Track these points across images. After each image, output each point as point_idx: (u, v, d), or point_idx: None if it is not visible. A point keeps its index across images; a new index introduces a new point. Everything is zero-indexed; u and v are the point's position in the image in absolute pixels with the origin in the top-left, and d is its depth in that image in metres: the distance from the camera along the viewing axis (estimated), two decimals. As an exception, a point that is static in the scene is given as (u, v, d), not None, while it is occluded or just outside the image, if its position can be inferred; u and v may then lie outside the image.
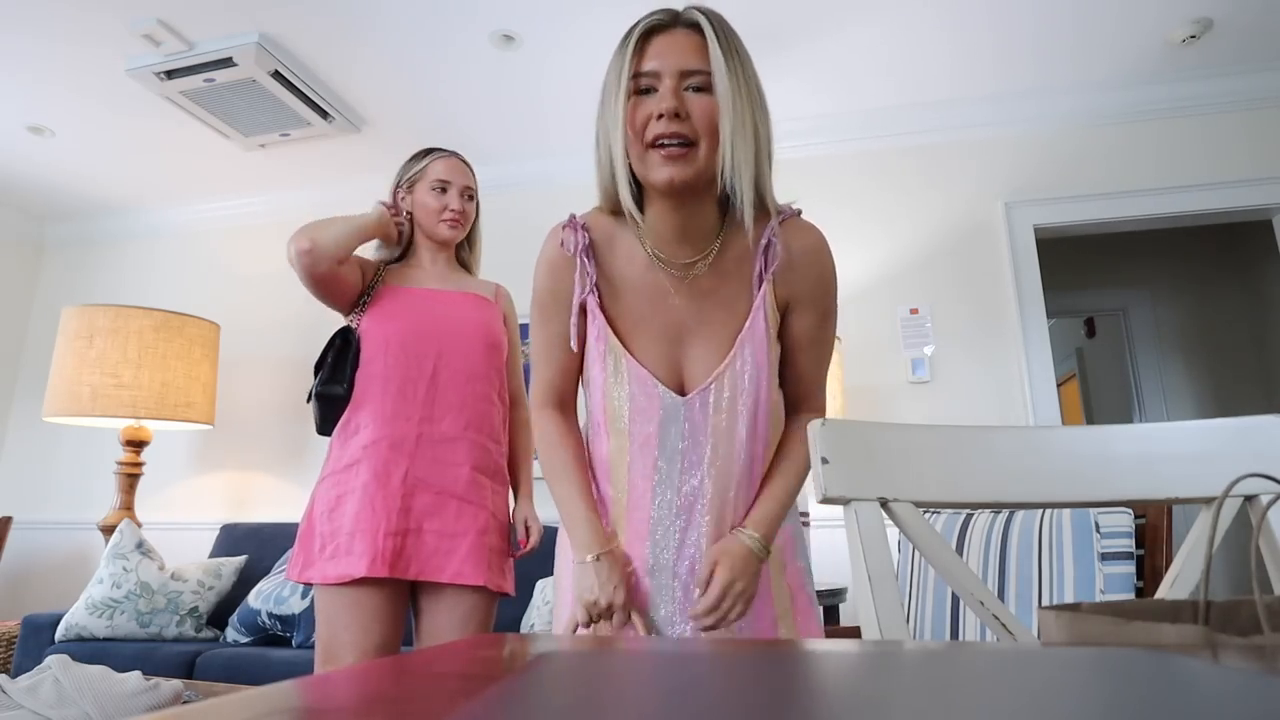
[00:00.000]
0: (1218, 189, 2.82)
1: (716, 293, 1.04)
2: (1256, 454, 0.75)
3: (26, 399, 3.96)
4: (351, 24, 2.57)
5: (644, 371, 1.03)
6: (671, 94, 0.92)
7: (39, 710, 1.70)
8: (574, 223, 1.06)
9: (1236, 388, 3.87)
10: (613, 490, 1.07)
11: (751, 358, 1.02)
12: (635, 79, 0.94)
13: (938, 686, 0.27)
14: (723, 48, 0.93)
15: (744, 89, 0.94)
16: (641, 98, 0.95)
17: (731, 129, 0.92)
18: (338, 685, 0.28)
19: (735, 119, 0.92)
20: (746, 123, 0.94)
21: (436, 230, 1.73)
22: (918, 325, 2.94)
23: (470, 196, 1.77)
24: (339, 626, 1.51)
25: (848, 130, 3.14)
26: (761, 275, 1.03)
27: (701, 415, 1.02)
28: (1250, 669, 0.30)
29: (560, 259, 1.06)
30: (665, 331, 1.04)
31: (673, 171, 0.93)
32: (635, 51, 0.94)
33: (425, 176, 1.73)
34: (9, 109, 3.04)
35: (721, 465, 1.03)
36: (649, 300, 1.04)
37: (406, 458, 1.58)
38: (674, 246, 1.03)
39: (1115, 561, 1.50)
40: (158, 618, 2.72)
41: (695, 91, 0.94)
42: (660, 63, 0.93)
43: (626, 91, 0.94)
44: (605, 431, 1.07)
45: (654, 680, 0.28)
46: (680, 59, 0.93)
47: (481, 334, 1.70)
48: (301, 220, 3.76)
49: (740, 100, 0.93)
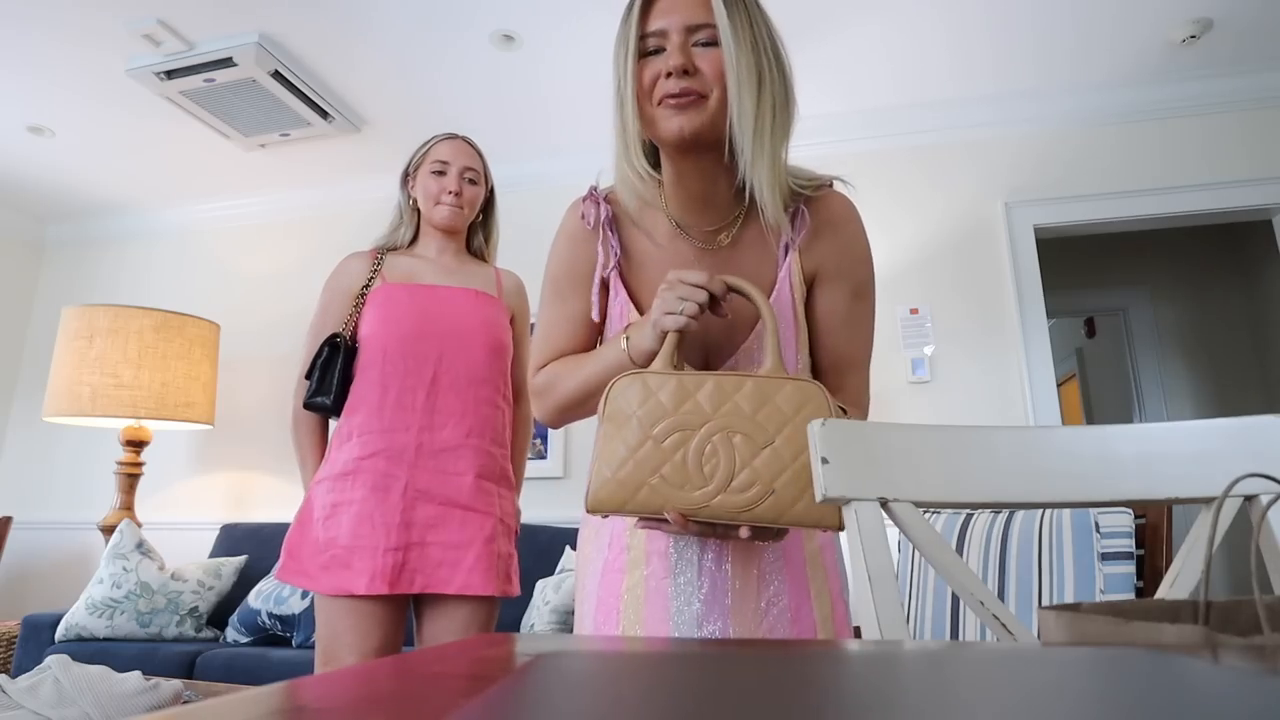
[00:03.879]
0: (1217, 189, 2.82)
1: (741, 263, 1.00)
2: (1256, 454, 0.75)
3: (26, 399, 3.96)
4: (351, 24, 2.57)
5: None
6: (679, 50, 0.89)
7: (39, 710, 1.70)
8: (594, 195, 1.03)
9: (1236, 388, 3.87)
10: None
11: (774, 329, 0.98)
12: (642, 40, 0.92)
13: (938, 686, 0.27)
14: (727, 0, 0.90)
15: (748, 39, 0.90)
16: (650, 59, 0.92)
17: (737, 79, 0.88)
18: (338, 685, 0.28)
19: (741, 68, 0.88)
20: (753, 72, 0.89)
21: (434, 214, 1.67)
22: (918, 325, 2.94)
23: (472, 180, 1.70)
24: (339, 630, 1.49)
25: (848, 130, 3.14)
26: (788, 245, 0.99)
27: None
28: (1250, 669, 0.30)
29: (580, 232, 1.02)
30: None
31: (682, 121, 0.89)
32: (640, 14, 0.92)
33: (427, 159, 1.69)
34: (9, 109, 3.04)
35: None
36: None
37: (406, 469, 1.54)
38: (696, 214, 0.99)
39: (1115, 561, 1.50)
40: (158, 618, 2.72)
41: (704, 46, 0.90)
42: (666, 20, 0.91)
43: (634, 54, 0.91)
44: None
45: (653, 680, 0.28)
46: (686, 14, 0.90)
47: (484, 335, 1.64)
48: (301, 220, 3.79)
49: (744, 50, 0.89)
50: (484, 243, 1.80)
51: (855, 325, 1.02)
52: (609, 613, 1.00)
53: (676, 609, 0.97)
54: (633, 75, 0.91)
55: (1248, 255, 3.92)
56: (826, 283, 1.01)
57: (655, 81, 0.91)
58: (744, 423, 0.85)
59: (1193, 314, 4.02)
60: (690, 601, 0.97)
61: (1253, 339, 3.90)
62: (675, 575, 0.98)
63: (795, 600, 0.98)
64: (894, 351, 2.94)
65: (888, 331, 2.96)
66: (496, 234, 1.82)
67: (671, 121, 0.90)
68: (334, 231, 3.70)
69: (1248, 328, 3.92)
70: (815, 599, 1.00)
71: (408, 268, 1.69)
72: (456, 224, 1.70)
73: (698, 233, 1.00)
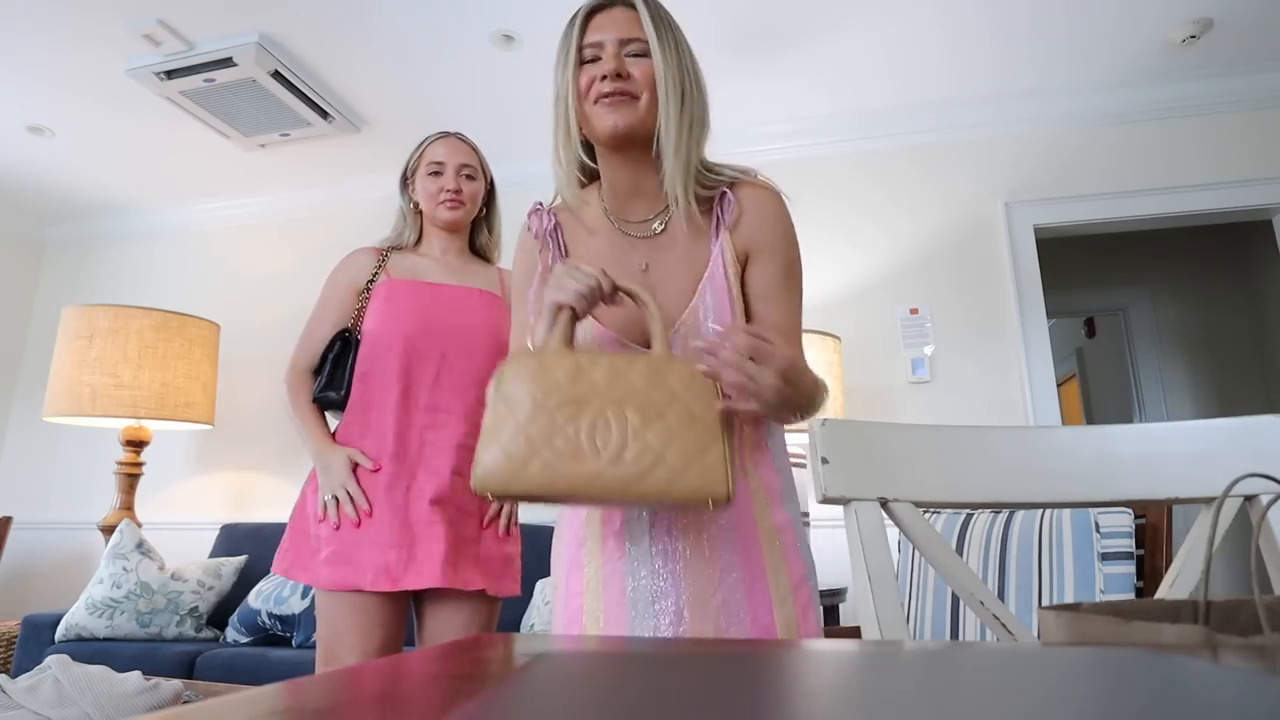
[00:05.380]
0: (1218, 189, 2.82)
1: (675, 248, 1.09)
2: (1256, 454, 0.75)
3: (26, 399, 3.96)
4: (352, 24, 2.57)
5: (607, 331, 1.05)
6: (614, 57, 1.03)
7: (39, 710, 1.70)
8: (539, 209, 1.14)
9: (1236, 388, 3.87)
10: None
11: (714, 303, 1.05)
12: (581, 50, 1.05)
13: (938, 686, 0.27)
14: (654, 18, 1.05)
15: (674, 53, 1.05)
16: (587, 66, 1.05)
17: (664, 84, 1.03)
18: (338, 685, 0.28)
19: (668, 76, 1.03)
20: (677, 81, 1.04)
21: (436, 214, 1.68)
22: (918, 325, 2.94)
23: (470, 175, 1.70)
24: (340, 628, 1.49)
25: (847, 130, 3.14)
26: (719, 226, 1.09)
27: None
28: (1250, 669, 0.30)
29: (529, 243, 1.14)
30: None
31: (616, 118, 1.02)
32: (581, 28, 1.06)
33: (423, 160, 1.70)
34: (9, 109, 3.04)
35: None
36: (612, 263, 1.07)
37: (410, 468, 1.55)
38: (629, 204, 1.10)
39: (1115, 561, 1.50)
40: (158, 618, 2.72)
41: (635, 57, 1.04)
42: (602, 34, 1.05)
43: (575, 62, 1.05)
44: None
45: (651, 680, 0.28)
46: (619, 29, 1.05)
47: (487, 335, 1.65)
48: (301, 220, 3.79)
49: (669, 61, 1.03)
50: (487, 238, 1.80)
51: (787, 298, 1.10)
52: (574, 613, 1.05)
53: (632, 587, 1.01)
54: (573, 80, 1.05)
55: (1248, 255, 3.92)
56: (758, 260, 1.09)
57: (592, 84, 1.04)
58: (636, 397, 0.89)
59: (1193, 314, 4.02)
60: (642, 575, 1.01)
61: (1253, 339, 3.90)
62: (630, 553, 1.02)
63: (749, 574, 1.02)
64: (894, 351, 2.94)
65: (888, 331, 2.96)
66: (499, 228, 1.82)
67: (606, 118, 1.03)
68: (334, 231, 3.70)
69: (1248, 328, 3.92)
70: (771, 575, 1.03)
71: (412, 265, 1.70)
72: (459, 221, 1.70)
73: (632, 223, 1.10)
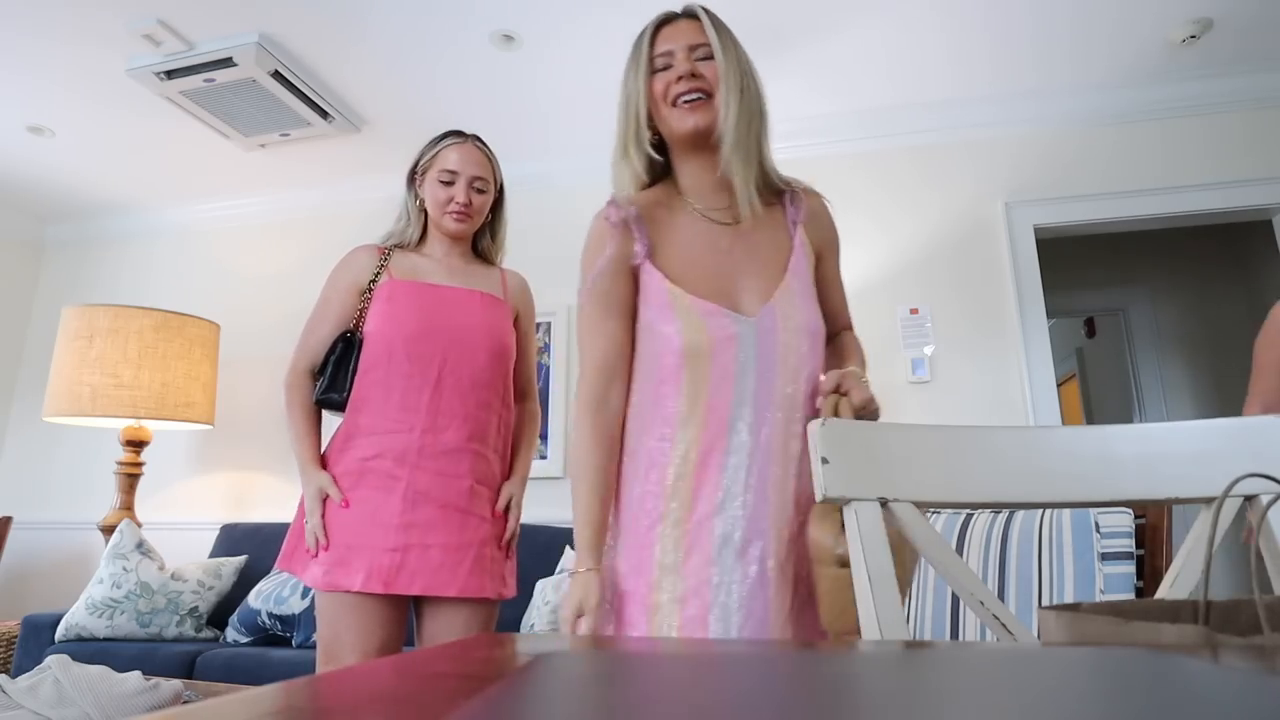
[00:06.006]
0: (1218, 189, 2.82)
1: (758, 235, 1.19)
2: (1256, 454, 0.75)
3: (26, 399, 3.96)
4: (352, 24, 2.57)
5: (709, 304, 1.12)
6: (685, 60, 1.15)
7: (39, 710, 1.70)
8: (615, 201, 1.19)
9: (1237, 388, 3.87)
10: (680, 445, 1.10)
11: (800, 286, 1.17)
12: (652, 60, 1.17)
13: (938, 686, 0.27)
14: (717, 27, 1.18)
15: (734, 55, 1.16)
16: (660, 74, 1.17)
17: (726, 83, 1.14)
18: (338, 685, 0.28)
19: (730, 75, 1.14)
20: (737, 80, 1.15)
21: (442, 222, 1.66)
22: (918, 325, 2.94)
23: (481, 189, 1.68)
24: (340, 628, 1.49)
25: (847, 130, 3.13)
26: (794, 221, 1.22)
27: (769, 338, 1.11)
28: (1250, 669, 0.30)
29: (607, 232, 1.17)
30: (719, 272, 1.15)
31: (696, 119, 1.14)
32: (650, 40, 1.18)
33: (435, 164, 1.66)
34: (9, 109, 3.04)
35: (790, 390, 1.11)
36: (701, 249, 1.16)
37: (408, 470, 1.53)
38: (712, 197, 1.20)
39: (1115, 561, 1.50)
40: (158, 618, 2.72)
41: (702, 60, 1.16)
42: (672, 44, 1.17)
43: (646, 70, 1.17)
44: (678, 380, 1.11)
45: (652, 681, 0.28)
46: (687, 37, 1.17)
47: (489, 339, 1.64)
48: (301, 220, 3.79)
49: (730, 62, 1.15)
50: (490, 242, 1.79)
51: (842, 288, 1.32)
52: (645, 563, 1.09)
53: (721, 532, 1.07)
54: (645, 87, 1.17)
55: (1248, 255, 3.92)
56: (826, 256, 1.28)
57: (667, 89, 1.15)
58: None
59: (1193, 314, 4.02)
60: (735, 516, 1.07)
61: (1253, 339, 3.88)
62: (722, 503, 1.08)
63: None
64: (894, 351, 2.94)
65: (888, 331, 2.96)
66: (503, 234, 1.80)
67: (687, 119, 1.14)
68: (334, 231, 3.70)
69: (1248, 328, 3.92)
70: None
71: (414, 265, 1.68)
72: (465, 233, 1.69)
73: (714, 209, 1.19)
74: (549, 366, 3.27)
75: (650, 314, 1.14)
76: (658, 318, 1.13)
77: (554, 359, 3.28)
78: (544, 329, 3.30)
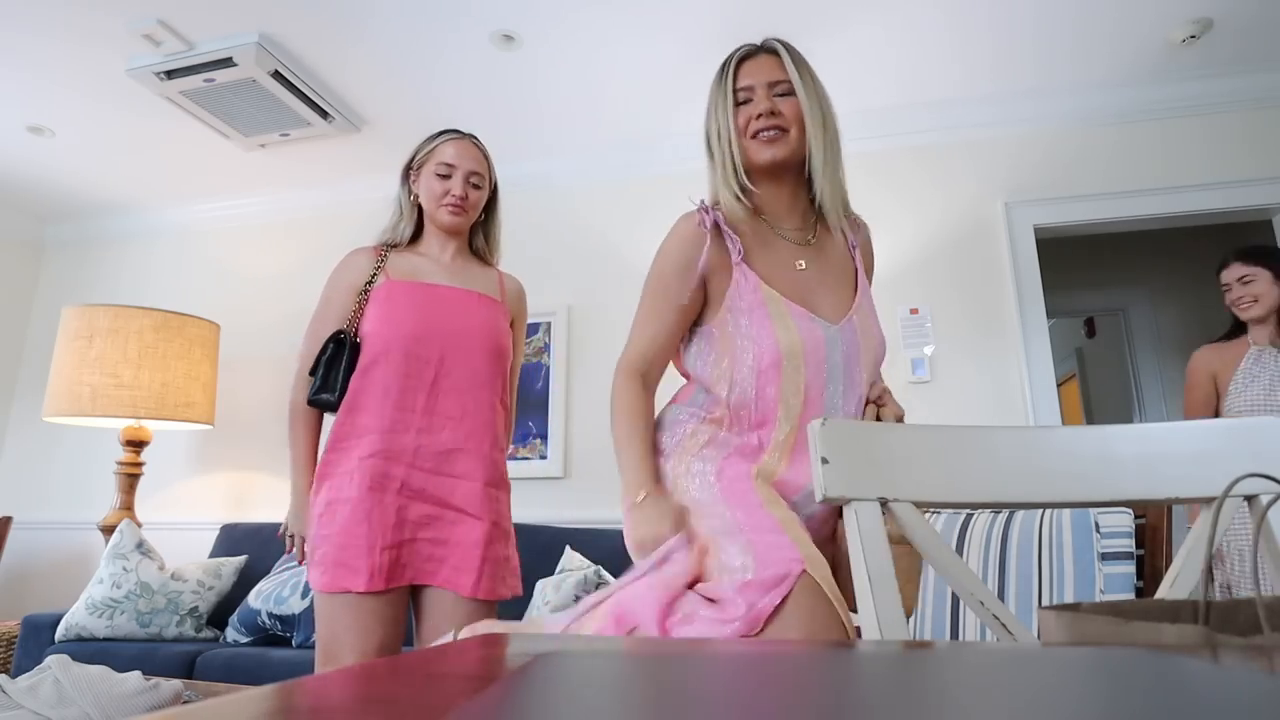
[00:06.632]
0: (1218, 189, 2.82)
1: (824, 255, 1.29)
2: (1256, 454, 0.75)
3: (26, 399, 3.96)
4: (351, 24, 2.57)
5: (801, 309, 1.21)
6: (765, 98, 1.24)
7: (39, 710, 1.70)
8: (705, 206, 1.26)
9: (1236, 388, 3.86)
10: (781, 428, 1.18)
11: (869, 305, 1.29)
12: (735, 94, 1.25)
13: (938, 686, 0.27)
14: (796, 63, 1.25)
15: (814, 92, 1.25)
16: (741, 107, 1.25)
17: (811, 119, 1.23)
18: (338, 685, 0.28)
19: (814, 112, 1.23)
20: (819, 115, 1.24)
21: (437, 215, 1.66)
22: (918, 325, 2.94)
23: (477, 184, 1.68)
24: (339, 628, 1.49)
25: (848, 130, 3.10)
26: (854, 245, 1.33)
27: (852, 344, 1.22)
28: (1250, 669, 0.30)
29: (696, 234, 1.23)
30: (796, 287, 1.24)
31: (773, 152, 1.23)
32: (733, 74, 1.26)
33: (432, 159, 1.67)
34: (9, 109, 3.04)
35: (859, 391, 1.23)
36: (780, 265, 1.25)
37: (404, 469, 1.54)
38: (788, 219, 1.29)
39: (1115, 561, 1.50)
40: (158, 618, 2.72)
41: (781, 96, 1.24)
42: (752, 79, 1.25)
43: (731, 104, 1.25)
44: (775, 373, 1.18)
45: (651, 680, 0.28)
46: (768, 74, 1.25)
47: (485, 338, 1.64)
48: (301, 220, 3.79)
49: (812, 99, 1.24)
50: (485, 242, 1.79)
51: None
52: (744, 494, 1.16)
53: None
54: (731, 119, 1.25)
55: (1248, 255, 3.91)
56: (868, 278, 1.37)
57: (748, 123, 1.24)
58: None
59: (1193, 314, 4.02)
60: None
61: (1253, 339, 3.89)
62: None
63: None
64: (894, 351, 2.94)
65: (887, 331, 2.96)
66: (498, 234, 1.81)
67: (764, 152, 1.24)
68: (334, 231, 3.70)
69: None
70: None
71: (411, 265, 1.68)
72: (459, 226, 1.69)
73: (789, 230, 1.29)
74: (549, 366, 3.25)
75: (738, 313, 1.21)
76: (749, 318, 1.20)
77: (554, 359, 3.25)
78: (544, 329, 3.29)
